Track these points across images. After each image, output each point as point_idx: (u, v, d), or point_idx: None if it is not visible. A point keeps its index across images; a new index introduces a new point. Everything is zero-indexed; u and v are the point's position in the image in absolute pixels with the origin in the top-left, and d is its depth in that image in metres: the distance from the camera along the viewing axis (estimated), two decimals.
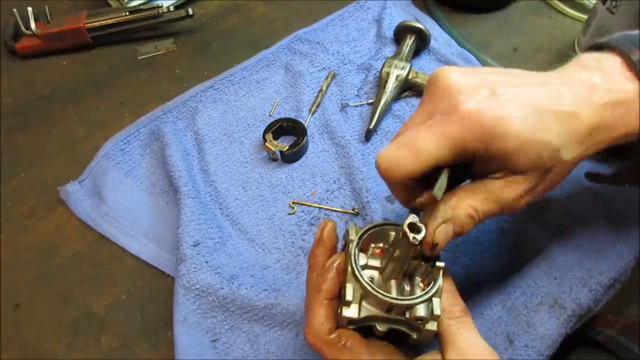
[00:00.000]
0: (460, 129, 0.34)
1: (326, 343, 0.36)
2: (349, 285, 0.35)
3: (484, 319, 0.48)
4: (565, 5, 0.80)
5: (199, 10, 0.82)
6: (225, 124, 0.66)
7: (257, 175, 0.62)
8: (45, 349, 0.50)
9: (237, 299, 0.49)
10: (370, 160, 0.61)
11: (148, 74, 0.74)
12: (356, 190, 0.59)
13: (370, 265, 0.37)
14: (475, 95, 0.35)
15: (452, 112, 0.34)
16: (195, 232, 0.53)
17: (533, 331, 0.46)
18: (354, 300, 0.35)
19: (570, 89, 0.36)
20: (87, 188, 0.61)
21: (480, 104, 0.34)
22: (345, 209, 0.58)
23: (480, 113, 0.34)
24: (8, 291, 0.54)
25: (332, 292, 0.37)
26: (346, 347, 0.36)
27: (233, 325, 0.49)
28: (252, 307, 0.49)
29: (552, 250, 0.52)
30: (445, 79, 0.36)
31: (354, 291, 0.35)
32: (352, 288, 0.35)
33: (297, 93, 0.68)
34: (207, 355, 0.48)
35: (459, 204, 0.36)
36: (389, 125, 0.65)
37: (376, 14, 0.78)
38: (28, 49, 0.75)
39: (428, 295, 0.35)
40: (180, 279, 0.51)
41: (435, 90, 0.37)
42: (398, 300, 0.35)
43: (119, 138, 0.64)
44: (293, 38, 0.75)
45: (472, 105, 0.34)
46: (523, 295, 0.49)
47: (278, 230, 0.57)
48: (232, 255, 0.54)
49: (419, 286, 0.36)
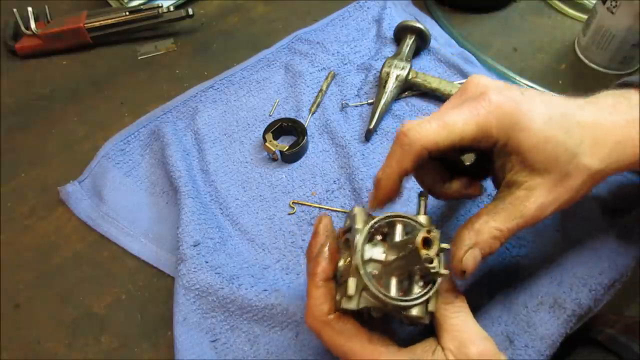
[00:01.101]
0: (487, 113, 0.36)
1: (325, 324, 0.36)
2: (352, 279, 0.35)
3: (484, 319, 0.48)
4: (565, 5, 0.80)
5: (199, 10, 0.82)
6: (225, 124, 0.66)
7: (257, 175, 0.62)
8: (45, 349, 0.50)
9: (237, 299, 0.49)
10: (370, 160, 0.61)
11: (148, 74, 0.74)
12: (356, 190, 0.59)
13: (374, 259, 0.37)
14: (505, 90, 0.37)
15: (482, 99, 0.36)
16: (195, 232, 0.53)
17: (533, 331, 0.46)
18: (355, 294, 0.35)
19: (595, 106, 0.38)
20: (87, 188, 0.61)
21: (509, 97, 0.36)
22: (345, 209, 0.58)
23: (507, 104, 0.36)
24: (8, 291, 0.54)
25: (327, 274, 0.38)
26: (343, 330, 0.36)
27: (233, 326, 0.49)
28: (252, 308, 0.49)
29: (552, 249, 0.52)
30: (478, 79, 0.39)
31: (357, 285, 0.35)
32: (354, 282, 0.35)
33: (297, 93, 0.68)
34: (207, 356, 0.47)
35: (482, 228, 0.37)
36: (389, 125, 0.65)
37: (376, 14, 0.78)
38: (28, 49, 0.75)
39: (426, 297, 0.35)
40: (180, 279, 0.51)
41: (468, 86, 0.39)
42: (397, 301, 0.35)
43: (119, 138, 0.64)
44: (293, 38, 0.75)
45: (501, 97, 0.36)
46: (523, 295, 0.49)
47: (278, 230, 0.57)
48: (232, 255, 0.54)
49: (418, 284, 0.36)
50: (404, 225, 0.38)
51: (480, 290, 0.50)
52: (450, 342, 0.35)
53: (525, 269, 0.51)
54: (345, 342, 0.36)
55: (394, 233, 0.38)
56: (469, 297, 0.41)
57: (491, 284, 0.50)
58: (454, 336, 0.35)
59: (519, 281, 0.50)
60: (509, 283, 0.50)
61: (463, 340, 0.35)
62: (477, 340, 0.35)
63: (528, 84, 0.69)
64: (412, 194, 0.54)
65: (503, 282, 0.50)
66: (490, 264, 0.52)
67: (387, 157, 0.39)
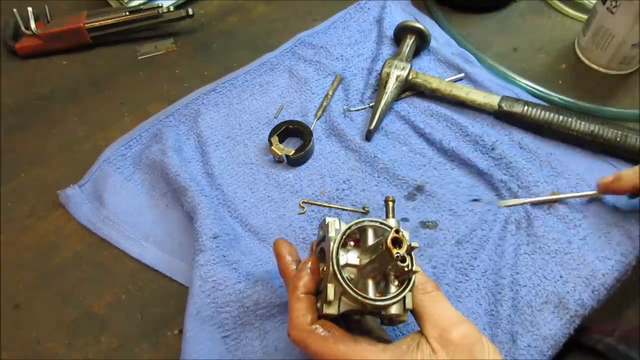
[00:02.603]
0: None
1: (310, 332, 0.37)
2: (330, 285, 0.37)
3: (490, 317, 0.48)
4: (565, 5, 0.80)
5: (199, 10, 0.82)
6: (228, 127, 0.66)
7: (263, 177, 0.62)
8: (45, 349, 0.50)
9: (254, 294, 0.49)
10: (373, 159, 0.61)
11: (148, 74, 0.74)
12: (366, 190, 0.59)
13: (349, 264, 0.39)
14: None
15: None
16: (214, 225, 0.53)
17: (536, 331, 0.46)
18: (335, 299, 0.37)
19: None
20: (88, 192, 0.60)
21: None
22: (356, 207, 0.58)
23: None
24: (8, 291, 0.54)
25: (307, 288, 0.39)
26: (328, 336, 0.37)
27: (245, 321, 0.49)
28: (267, 304, 0.49)
29: (559, 248, 0.52)
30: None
31: (335, 291, 0.37)
32: (333, 288, 0.37)
33: (303, 98, 0.68)
34: (217, 350, 0.47)
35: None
36: (395, 125, 0.66)
37: (377, 15, 0.78)
38: (28, 49, 0.75)
39: (402, 295, 0.37)
40: (198, 270, 0.50)
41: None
42: (375, 301, 0.36)
43: (120, 143, 0.64)
44: (296, 42, 0.75)
45: None
46: (528, 295, 0.49)
47: (288, 227, 0.57)
48: (246, 254, 0.54)
49: (394, 283, 0.38)
50: (375, 229, 0.39)
51: (489, 289, 0.50)
52: (432, 330, 0.37)
53: (533, 267, 0.51)
54: (332, 345, 0.36)
55: (366, 238, 0.39)
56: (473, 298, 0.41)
57: (497, 283, 0.50)
58: (435, 324, 0.37)
59: (526, 279, 0.50)
60: (516, 281, 0.50)
61: (444, 326, 0.36)
62: (457, 323, 0.36)
63: (528, 83, 0.69)
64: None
65: (511, 279, 0.50)
66: (501, 262, 0.52)
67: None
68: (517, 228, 0.54)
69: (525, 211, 0.55)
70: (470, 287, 0.51)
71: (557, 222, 0.54)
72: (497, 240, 0.53)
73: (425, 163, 0.62)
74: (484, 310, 0.49)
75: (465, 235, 0.54)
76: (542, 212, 0.55)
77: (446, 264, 0.52)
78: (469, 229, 0.54)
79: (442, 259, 0.52)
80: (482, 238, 0.54)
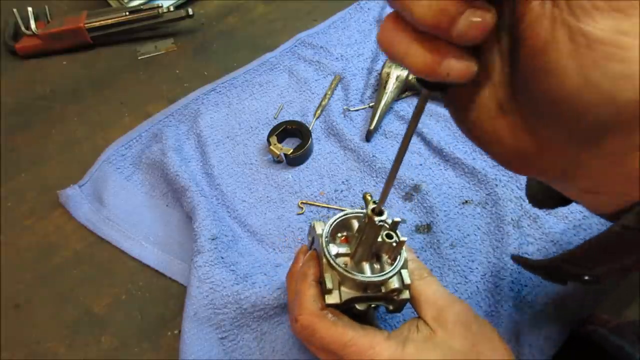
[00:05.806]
0: None
1: (321, 317, 0.38)
2: (327, 275, 0.38)
3: (491, 318, 0.48)
4: None
5: (199, 10, 0.82)
6: (228, 127, 0.66)
7: (262, 177, 0.62)
8: (45, 349, 0.50)
9: (251, 295, 0.49)
10: (372, 159, 0.61)
11: (148, 74, 0.74)
12: (364, 190, 0.59)
13: (341, 253, 0.40)
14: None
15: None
16: (212, 226, 0.53)
17: (538, 330, 0.46)
18: (334, 287, 0.38)
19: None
20: (87, 192, 0.60)
21: None
22: (354, 208, 0.58)
23: None
24: (8, 291, 0.54)
25: (317, 276, 0.40)
26: (338, 321, 0.38)
27: (242, 323, 0.49)
28: (265, 305, 0.49)
29: (560, 248, 0.52)
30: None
31: (333, 279, 0.38)
32: (330, 277, 0.38)
33: (303, 98, 0.69)
34: (214, 351, 0.48)
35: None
36: (394, 126, 0.66)
37: (377, 15, 0.78)
38: (28, 49, 0.75)
39: (397, 268, 0.38)
40: (196, 271, 0.50)
41: None
42: (373, 278, 0.38)
43: (120, 143, 0.64)
44: (296, 41, 0.75)
45: None
46: (529, 294, 0.49)
47: (287, 228, 0.57)
48: (244, 255, 0.54)
49: (387, 262, 0.39)
50: (358, 219, 0.41)
51: (494, 287, 0.50)
52: (429, 311, 0.38)
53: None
54: (342, 330, 0.37)
55: (352, 229, 0.42)
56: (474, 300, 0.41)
57: (497, 284, 0.50)
58: (431, 305, 0.38)
59: (526, 279, 0.50)
60: (520, 280, 0.50)
61: (440, 307, 0.38)
62: (452, 303, 0.38)
63: None
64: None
65: (516, 278, 0.50)
66: (506, 261, 0.52)
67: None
68: (517, 228, 0.54)
69: (525, 211, 0.55)
70: (470, 290, 0.51)
71: (557, 222, 0.54)
72: (494, 242, 0.53)
73: (422, 162, 0.62)
74: (484, 312, 0.49)
75: (459, 239, 0.54)
76: (542, 211, 0.55)
77: (442, 267, 0.52)
78: (462, 233, 0.54)
79: (437, 262, 0.53)
80: (477, 241, 0.54)
